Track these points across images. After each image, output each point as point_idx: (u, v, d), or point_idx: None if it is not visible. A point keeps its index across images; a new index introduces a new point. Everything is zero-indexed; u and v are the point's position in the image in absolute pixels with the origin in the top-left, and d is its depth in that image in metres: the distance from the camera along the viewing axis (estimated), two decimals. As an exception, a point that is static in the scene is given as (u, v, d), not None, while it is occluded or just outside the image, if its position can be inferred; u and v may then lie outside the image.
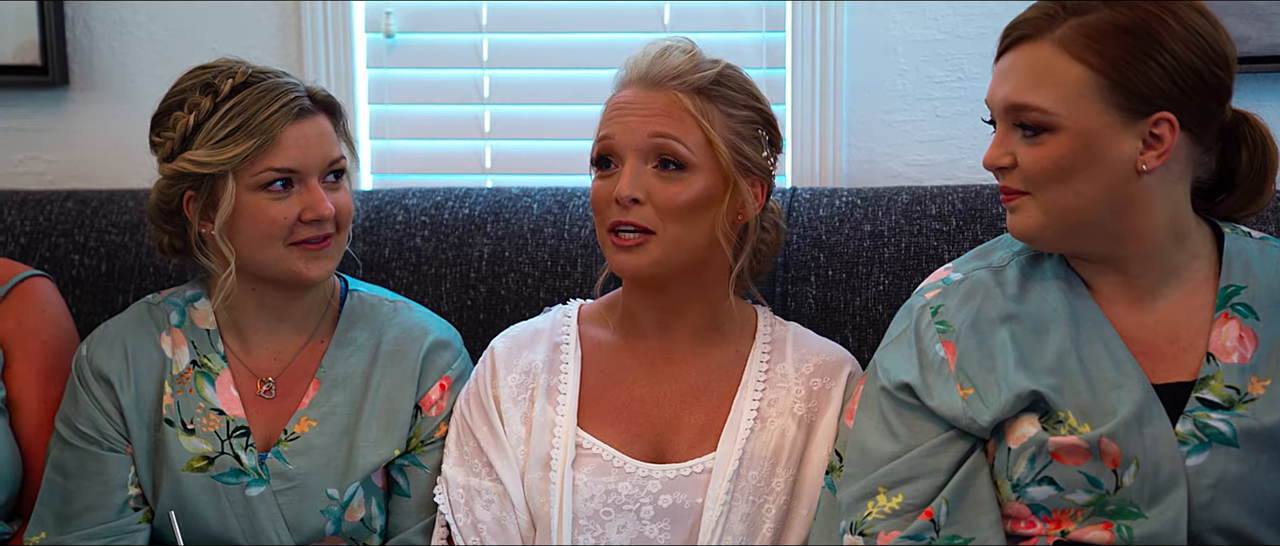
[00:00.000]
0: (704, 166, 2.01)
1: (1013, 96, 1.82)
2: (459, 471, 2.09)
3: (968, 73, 2.66)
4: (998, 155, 1.85)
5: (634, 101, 2.03)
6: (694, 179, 2.00)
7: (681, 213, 2.00)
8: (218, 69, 2.12)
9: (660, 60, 2.04)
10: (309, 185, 2.10)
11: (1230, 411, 1.81)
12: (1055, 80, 1.79)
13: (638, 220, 2.00)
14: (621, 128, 2.02)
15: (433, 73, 2.81)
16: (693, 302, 2.09)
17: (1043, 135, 1.80)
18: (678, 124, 2.00)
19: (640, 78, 2.04)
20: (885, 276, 2.38)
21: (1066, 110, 1.78)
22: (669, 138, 2.00)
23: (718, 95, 2.03)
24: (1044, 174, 1.81)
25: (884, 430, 1.91)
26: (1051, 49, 1.80)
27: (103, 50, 2.82)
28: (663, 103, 2.01)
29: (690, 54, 2.05)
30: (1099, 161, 1.79)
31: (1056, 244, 1.88)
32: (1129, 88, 1.77)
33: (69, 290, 2.47)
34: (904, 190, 2.48)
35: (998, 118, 1.86)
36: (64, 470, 2.14)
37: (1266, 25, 2.53)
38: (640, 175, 2.00)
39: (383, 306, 2.24)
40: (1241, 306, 1.85)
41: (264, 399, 2.18)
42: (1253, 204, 1.91)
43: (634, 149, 2.00)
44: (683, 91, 2.01)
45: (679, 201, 2.00)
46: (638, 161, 2.01)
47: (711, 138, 2.01)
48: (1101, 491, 1.82)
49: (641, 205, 2.00)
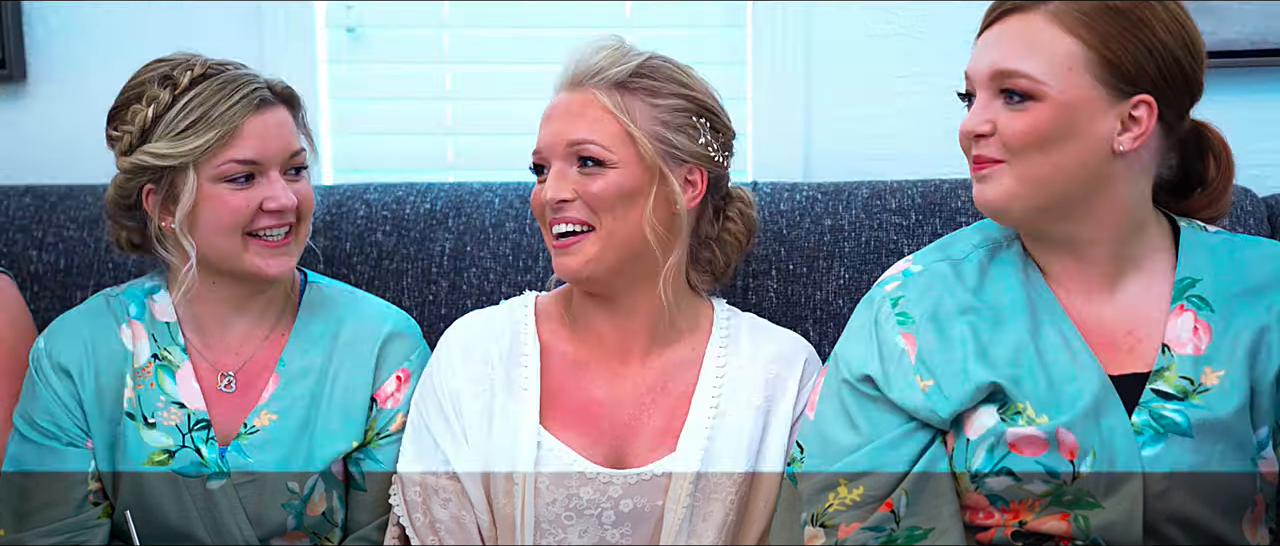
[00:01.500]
0: (625, 160, 2.02)
1: (1001, 63, 1.83)
2: (416, 467, 2.08)
3: (928, 68, 2.67)
4: (977, 122, 1.85)
5: (557, 106, 2.06)
6: (616, 173, 2.02)
7: (607, 205, 2.01)
8: (175, 61, 2.11)
9: (583, 61, 2.06)
10: (270, 177, 2.10)
11: (1185, 402, 1.83)
12: (1046, 50, 1.81)
13: (572, 216, 2.03)
14: (547, 133, 2.06)
15: (394, 68, 2.81)
16: (639, 302, 2.09)
17: (1027, 103, 1.82)
18: (593, 123, 2.02)
19: (565, 82, 2.07)
20: (846, 270, 2.39)
21: (1054, 80, 1.80)
22: (583, 140, 2.02)
23: (638, 87, 2.04)
24: (1024, 141, 1.82)
25: (845, 421, 1.92)
26: (1044, 20, 1.82)
27: (60, 45, 2.80)
28: (580, 103, 2.04)
29: (613, 49, 2.06)
30: (1079, 135, 1.81)
31: (1022, 218, 1.89)
32: (1117, 65, 1.80)
33: (27, 286, 2.46)
34: (864, 185, 2.49)
35: (980, 87, 1.86)
36: (22, 465, 2.13)
37: (1219, 20, 2.55)
38: (565, 177, 2.03)
39: (341, 297, 2.24)
40: (1197, 298, 1.87)
41: (225, 392, 2.17)
42: (1216, 204, 1.96)
43: (557, 154, 2.04)
44: (599, 88, 2.03)
45: (604, 195, 2.01)
46: (562, 164, 2.03)
47: (630, 131, 2.02)
48: (1058, 481, 1.83)
49: (571, 202, 2.02)
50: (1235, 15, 2.55)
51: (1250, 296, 1.87)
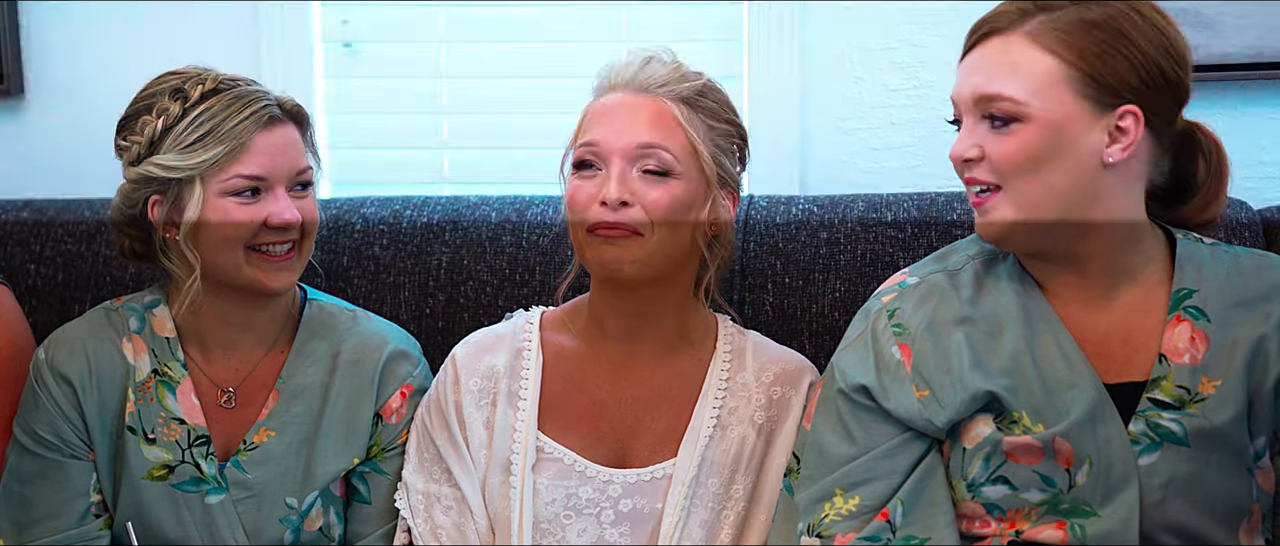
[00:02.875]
0: (688, 173, 2.02)
1: (984, 87, 1.84)
2: (419, 477, 2.10)
3: (923, 81, 2.68)
4: (965, 147, 1.86)
5: (621, 107, 2.03)
6: (678, 184, 2.01)
7: (664, 214, 2.00)
8: (187, 75, 2.12)
9: (647, 67, 2.05)
10: (276, 193, 2.10)
11: (1181, 411, 1.83)
12: (1026, 71, 1.81)
13: (626, 220, 2.00)
14: (608, 132, 2.02)
15: (391, 82, 2.81)
16: (663, 309, 2.10)
17: (1012, 125, 1.82)
18: (665, 130, 2.02)
19: (627, 83, 2.05)
20: (841, 283, 2.39)
21: (1036, 100, 1.81)
22: (657, 146, 2.01)
23: (701, 106, 2.05)
24: (1013, 164, 1.83)
25: (841, 432, 1.92)
26: (1022, 41, 1.82)
27: (58, 59, 2.81)
28: (651, 108, 2.03)
29: (675, 64, 2.07)
30: (1067, 152, 1.81)
31: (1025, 242, 1.89)
32: (1097, 79, 1.80)
33: (24, 299, 2.45)
34: (860, 198, 2.49)
35: (965, 112, 1.87)
36: (22, 477, 2.13)
37: (1216, 34, 2.56)
38: (626, 179, 2.00)
39: (342, 316, 2.24)
40: (1193, 309, 1.87)
41: (224, 408, 2.17)
42: (1209, 209, 1.94)
43: (621, 152, 2.01)
44: (670, 99, 2.03)
45: (664, 203, 2.00)
46: (624, 165, 2.01)
47: (696, 145, 2.02)
48: (1055, 490, 1.84)
49: (630, 207, 2.00)
50: (1231, 28, 2.56)
51: (1247, 307, 1.87)
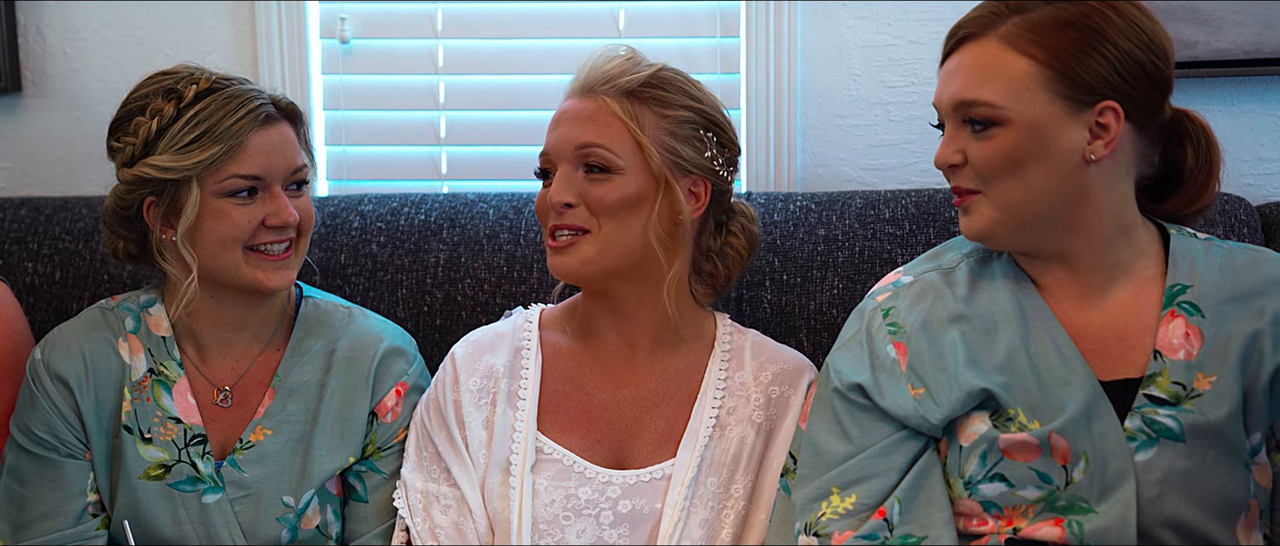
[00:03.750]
0: (633, 168, 2.03)
1: (961, 93, 1.84)
2: (417, 476, 2.10)
3: (920, 77, 2.68)
4: (948, 153, 1.87)
5: (567, 111, 2.08)
6: (622, 180, 2.03)
7: (611, 211, 2.03)
8: (180, 75, 2.11)
9: (594, 68, 2.07)
10: (273, 192, 2.10)
11: (1177, 407, 1.83)
12: (1002, 75, 1.81)
13: (572, 221, 2.04)
14: (554, 139, 2.07)
15: (388, 78, 2.81)
16: (645, 307, 2.10)
17: (992, 129, 1.83)
18: (603, 129, 2.04)
19: (577, 88, 2.09)
20: (840, 280, 2.39)
21: (1013, 103, 1.81)
22: (593, 145, 2.03)
23: (649, 97, 2.06)
24: (994, 167, 1.83)
25: (837, 431, 1.92)
26: (997, 45, 1.83)
27: (56, 56, 2.81)
28: (591, 109, 2.05)
29: (625, 58, 2.08)
30: (1048, 152, 1.81)
31: (1009, 241, 1.90)
32: (1074, 78, 1.80)
33: (22, 298, 2.46)
34: (858, 194, 2.50)
35: (946, 118, 1.88)
36: (20, 476, 2.13)
37: (1213, 30, 2.56)
38: (571, 180, 2.04)
39: (337, 314, 2.24)
40: (1187, 304, 1.87)
41: (220, 407, 2.17)
42: (1198, 199, 1.94)
43: (564, 158, 2.05)
44: (611, 96, 2.05)
45: (608, 201, 2.02)
46: (569, 168, 2.04)
47: (639, 139, 2.03)
48: (1052, 487, 1.84)
49: (574, 208, 2.04)
50: (1230, 24, 2.56)
51: (1241, 302, 1.87)
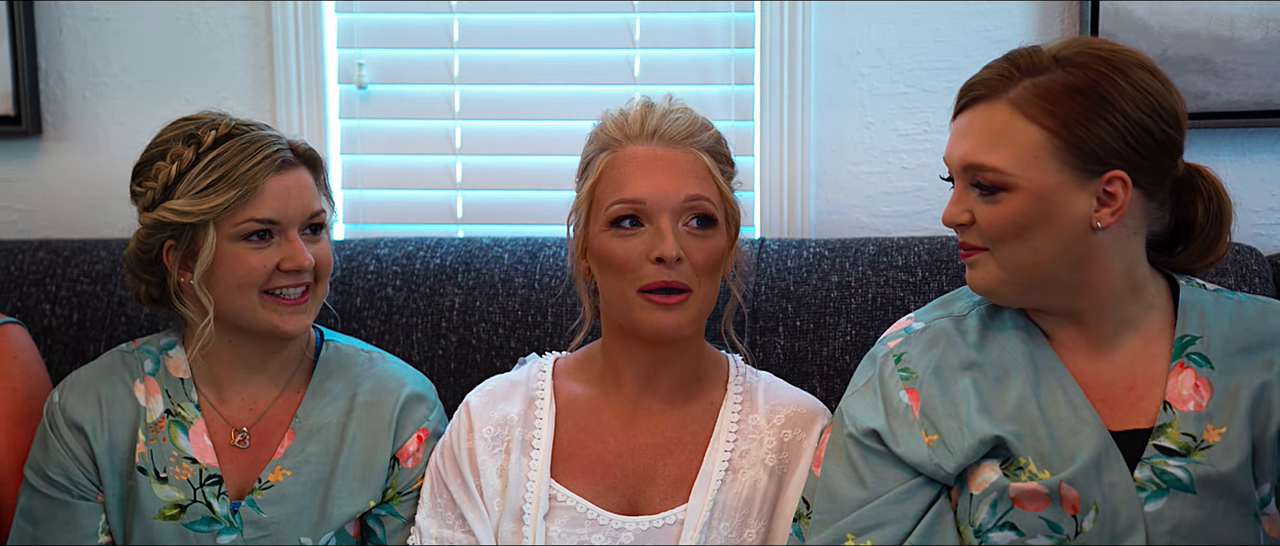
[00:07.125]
0: (721, 222, 2.05)
1: (969, 157, 1.85)
2: (432, 523, 2.09)
3: (933, 126, 2.69)
4: (956, 212, 1.88)
5: (658, 159, 2.03)
6: (718, 235, 2.04)
7: (714, 268, 2.03)
8: (201, 120, 2.13)
9: (669, 118, 2.06)
10: (289, 236, 2.11)
11: (1187, 458, 1.83)
12: (1010, 141, 1.82)
13: (680, 278, 2.00)
14: (652, 188, 2.01)
15: (405, 123, 2.83)
16: (683, 356, 2.10)
17: (999, 194, 1.83)
18: (705, 183, 2.04)
19: (653, 135, 2.05)
20: (852, 327, 2.40)
21: (1021, 170, 1.81)
22: (702, 197, 2.02)
23: (721, 155, 2.08)
24: (1001, 231, 1.84)
25: (852, 476, 1.92)
26: (1006, 110, 1.83)
27: (76, 100, 2.83)
28: (688, 161, 2.04)
29: (690, 111, 2.09)
30: (1054, 219, 1.82)
31: (1015, 298, 1.91)
32: (1082, 147, 1.80)
33: (40, 339, 2.47)
34: (871, 241, 2.50)
35: (955, 175, 1.89)
36: (33, 518, 2.14)
37: (1224, 81, 2.57)
38: (675, 232, 2.01)
39: (359, 358, 2.25)
40: (1197, 356, 1.88)
41: (238, 448, 2.18)
42: (1209, 254, 1.94)
43: (669, 209, 2.01)
44: (700, 149, 2.05)
45: (714, 257, 2.03)
46: (672, 220, 2.01)
47: (725, 194, 2.06)
48: (1062, 536, 1.84)
49: (681, 263, 2.00)
50: (1240, 76, 2.57)
51: (1250, 353, 1.87)
